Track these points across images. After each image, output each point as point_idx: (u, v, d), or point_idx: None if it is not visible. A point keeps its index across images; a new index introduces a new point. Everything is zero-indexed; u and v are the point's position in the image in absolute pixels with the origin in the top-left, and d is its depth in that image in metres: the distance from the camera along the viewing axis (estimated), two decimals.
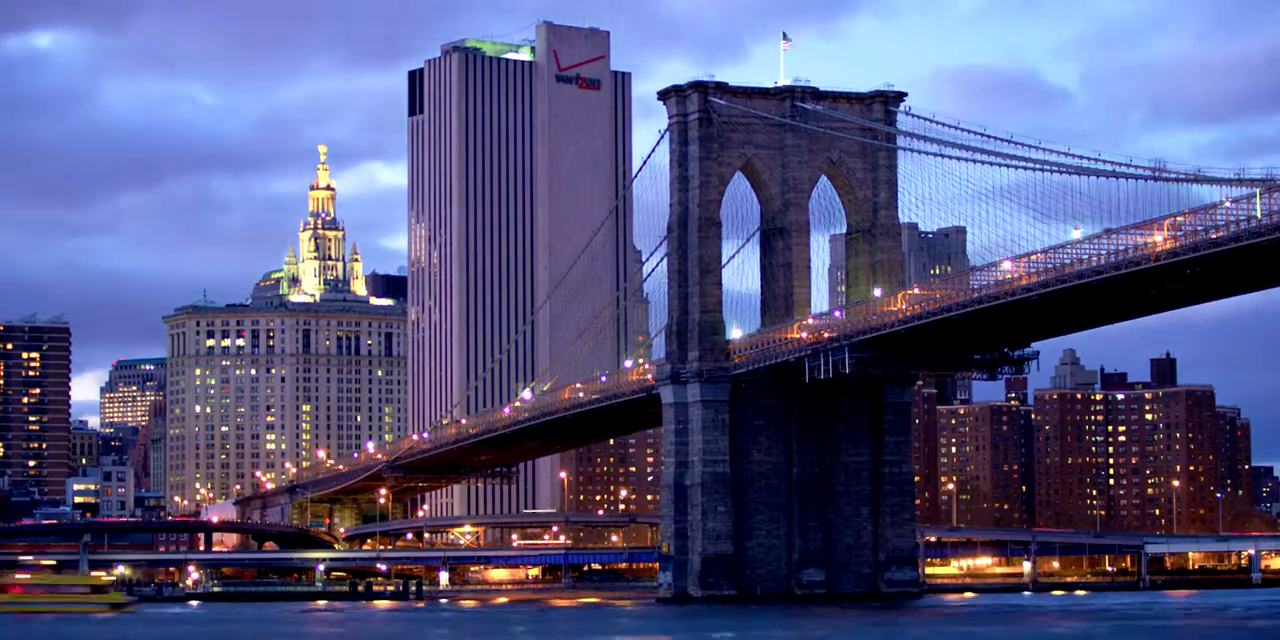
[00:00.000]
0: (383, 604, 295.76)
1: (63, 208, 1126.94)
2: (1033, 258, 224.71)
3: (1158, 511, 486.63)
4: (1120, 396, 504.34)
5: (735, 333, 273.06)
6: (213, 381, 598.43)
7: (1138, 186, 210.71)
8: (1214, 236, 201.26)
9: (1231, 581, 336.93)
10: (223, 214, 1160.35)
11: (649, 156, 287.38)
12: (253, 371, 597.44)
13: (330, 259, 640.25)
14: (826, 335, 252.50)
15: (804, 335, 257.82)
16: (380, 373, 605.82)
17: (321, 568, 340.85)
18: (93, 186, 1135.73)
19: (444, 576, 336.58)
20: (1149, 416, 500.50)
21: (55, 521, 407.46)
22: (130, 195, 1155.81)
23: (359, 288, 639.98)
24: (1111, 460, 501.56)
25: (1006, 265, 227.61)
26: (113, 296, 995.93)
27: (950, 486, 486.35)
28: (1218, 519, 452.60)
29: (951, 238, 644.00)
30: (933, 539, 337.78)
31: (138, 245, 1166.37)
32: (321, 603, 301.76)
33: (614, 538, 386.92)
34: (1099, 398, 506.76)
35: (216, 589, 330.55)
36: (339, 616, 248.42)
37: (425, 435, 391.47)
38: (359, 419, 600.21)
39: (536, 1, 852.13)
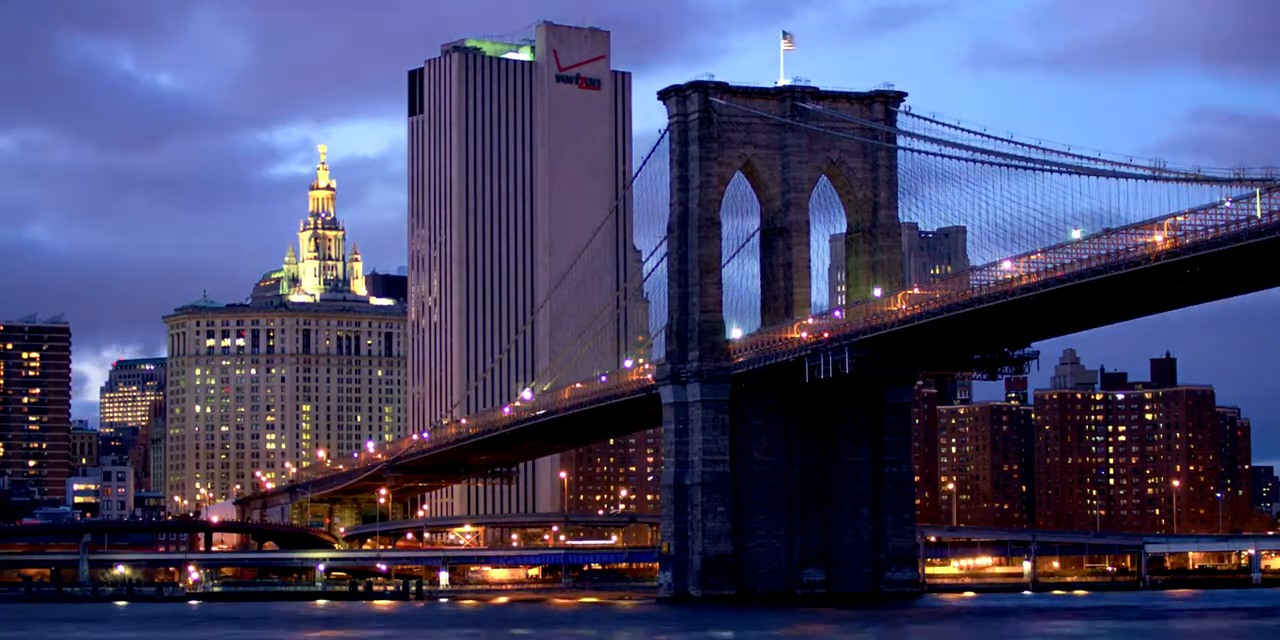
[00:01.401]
0: (383, 604, 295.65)
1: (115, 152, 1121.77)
2: (1033, 258, 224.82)
3: (1158, 511, 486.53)
4: (1120, 396, 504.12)
5: (735, 333, 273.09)
6: (213, 381, 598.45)
7: (1138, 186, 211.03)
8: (1214, 236, 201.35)
9: (1231, 581, 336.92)
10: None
11: (649, 156, 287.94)
12: (253, 371, 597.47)
13: (330, 259, 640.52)
14: (826, 335, 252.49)
15: (804, 335, 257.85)
16: (380, 373, 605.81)
17: (321, 568, 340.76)
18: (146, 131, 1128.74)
19: (444, 576, 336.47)
20: (1149, 416, 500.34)
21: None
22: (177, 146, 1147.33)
23: (359, 288, 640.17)
24: (1111, 460, 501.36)
25: (1006, 265, 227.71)
26: (113, 296, 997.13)
27: (950, 486, 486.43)
28: (1218, 519, 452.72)
29: (951, 237, 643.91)
30: (933, 539, 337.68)
31: (161, 206, 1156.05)
32: (321, 602, 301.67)
33: (614, 538, 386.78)
34: (1099, 398, 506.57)
35: (217, 589, 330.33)
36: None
37: (425, 435, 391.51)
38: (359, 419, 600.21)
39: (536, 1, 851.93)
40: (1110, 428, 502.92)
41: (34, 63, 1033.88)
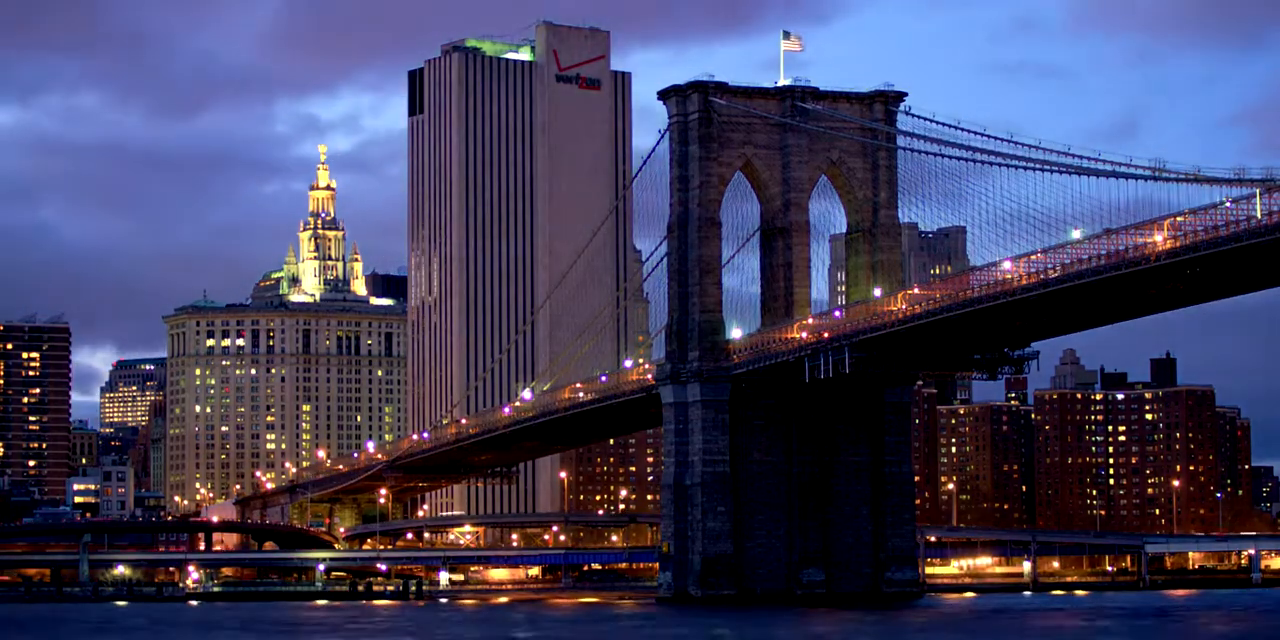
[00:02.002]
0: (383, 604, 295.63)
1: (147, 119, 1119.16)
2: (1032, 258, 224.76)
3: (1158, 511, 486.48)
4: (1120, 396, 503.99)
5: (735, 333, 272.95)
6: (213, 381, 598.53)
7: (1138, 186, 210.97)
8: (1214, 237, 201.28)
9: (1231, 581, 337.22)
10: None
11: (649, 156, 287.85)
12: (253, 371, 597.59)
13: (330, 259, 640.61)
14: (826, 335, 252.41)
15: (804, 335, 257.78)
16: (380, 373, 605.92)
17: (321, 568, 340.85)
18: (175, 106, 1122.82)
19: (444, 576, 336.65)
20: (1149, 416, 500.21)
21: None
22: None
23: (359, 288, 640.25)
24: (1111, 460, 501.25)
25: (1006, 265, 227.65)
26: (113, 296, 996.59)
27: (950, 486, 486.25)
28: (1218, 519, 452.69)
29: (951, 237, 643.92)
30: (933, 539, 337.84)
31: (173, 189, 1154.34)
32: (321, 602, 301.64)
33: (614, 538, 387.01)
34: (1099, 398, 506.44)
35: (217, 589, 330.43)
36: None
37: (425, 435, 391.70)
38: (359, 419, 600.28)
39: (536, 1, 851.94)
40: (1110, 428, 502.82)
41: (74, 25, 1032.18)
